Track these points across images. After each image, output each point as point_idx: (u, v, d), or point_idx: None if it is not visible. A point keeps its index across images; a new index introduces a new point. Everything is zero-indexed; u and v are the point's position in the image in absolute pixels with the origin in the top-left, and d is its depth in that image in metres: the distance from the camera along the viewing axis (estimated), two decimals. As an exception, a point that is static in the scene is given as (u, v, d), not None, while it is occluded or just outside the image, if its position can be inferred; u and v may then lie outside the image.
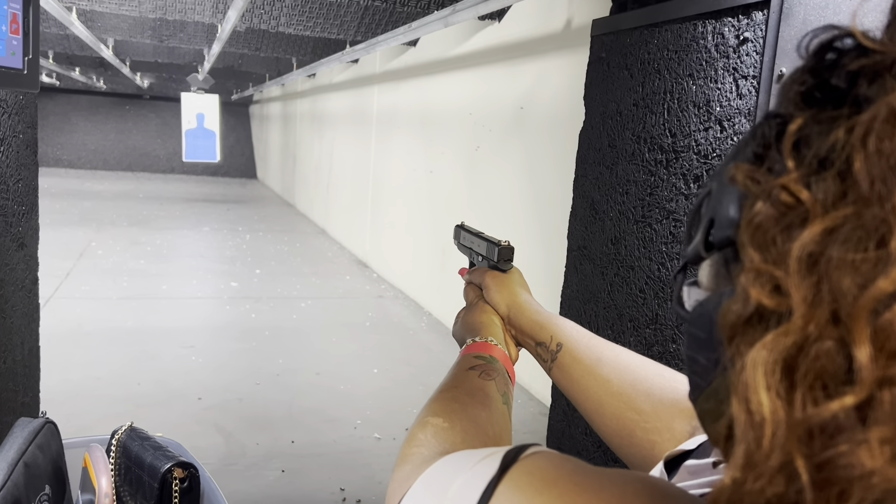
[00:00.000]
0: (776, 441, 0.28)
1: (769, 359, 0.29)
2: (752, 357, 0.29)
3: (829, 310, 0.28)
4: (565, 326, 0.88)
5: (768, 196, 0.32)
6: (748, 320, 0.31)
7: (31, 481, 0.96)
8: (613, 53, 1.85)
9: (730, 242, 0.37)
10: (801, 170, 0.31)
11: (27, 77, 1.02)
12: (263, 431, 3.27)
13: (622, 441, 0.78)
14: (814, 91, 0.34)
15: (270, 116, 14.21)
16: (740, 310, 0.31)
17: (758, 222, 0.32)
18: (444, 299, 5.25)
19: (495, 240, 0.96)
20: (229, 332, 4.78)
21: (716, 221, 0.38)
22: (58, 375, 3.41)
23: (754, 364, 0.29)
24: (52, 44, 6.56)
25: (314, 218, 9.85)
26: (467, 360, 0.84)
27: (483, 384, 0.78)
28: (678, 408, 0.75)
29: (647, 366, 0.80)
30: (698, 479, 0.56)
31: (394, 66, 6.39)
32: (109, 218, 9.04)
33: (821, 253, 0.29)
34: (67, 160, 15.25)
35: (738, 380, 0.30)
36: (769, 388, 0.28)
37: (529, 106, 3.98)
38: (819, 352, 0.28)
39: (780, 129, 0.34)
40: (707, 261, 0.41)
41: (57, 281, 5.56)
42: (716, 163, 1.52)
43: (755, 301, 0.30)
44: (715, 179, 0.40)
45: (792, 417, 0.28)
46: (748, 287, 0.31)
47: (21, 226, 1.62)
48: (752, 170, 0.34)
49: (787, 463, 0.27)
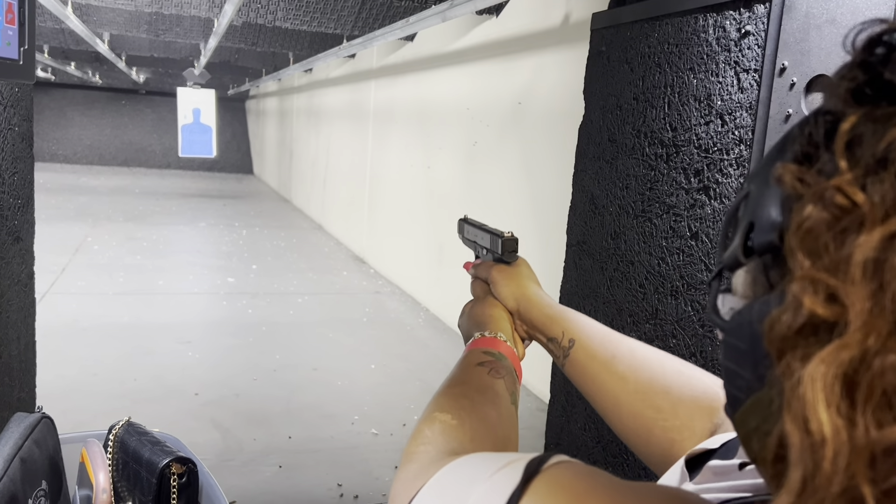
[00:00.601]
0: (838, 464, 0.26)
1: (828, 373, 0.27)
2: (810, 372, 0.27)
3: (893, 320, 0.26)
4: (578, 321, 0.85)
5: (820, 199, 0.30)
6: (800, 331, 0.29)
7: (28, 476, 0.95)
8: (613, 47, 1.84)
9: (771, 247, 0.35)
10: (856, 171, 0.30)
11: (23, 68, 1.01)
12: (260, 427, 3.27)
13: (639, 439, 0.76)
14: (865, 87, 0.32)
15: (267, 112, 14.17)
16: (791, 320, 0.29)
17: (808, 227, 0.30)
18: (441, 295, 5.24)
19: (499, 231, 0.94)
20: (226, 328, 4.77)
21: (756, 225, 0.36)
22: (54, 371, 3.39)
23: (812, 380, 0.27)
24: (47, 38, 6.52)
25: (311, 214, 9.83)
26: (475, 354, 0.80)
27: (492, 382, 0.75)
28: (698, 405, 0.73)
29: (664, 361, 0.78)
30: (724, 483, 0.53)
31: (391, 61, 6.37)
32: (105, 213, 9.02)
33: (882, 260, 0.27)
34: (63, 155, 15.19)
35: (793, 396, 0.28)
36: (829, 406, 0.26)
37: (527, 101, 3.97)
38: (883, 366, 0.26)
39: (829, 126, 0.33)
40: (743, 267, 0.39)
41: (52, 276, 5.53)
42: (717, 157, 1.51)
43: (808, 311, 0.29)
44: (754, 181, 0.38)
45: (855, 439, 0.26)
46: (800, 296, 0.29)
47: (17, 219, 1.61)
48: (801, 171, 0.32)
49: (850, 488, 0.26)
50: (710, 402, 0.72)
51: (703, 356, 1.55)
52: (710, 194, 1.53)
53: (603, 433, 1.86)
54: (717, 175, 1.51)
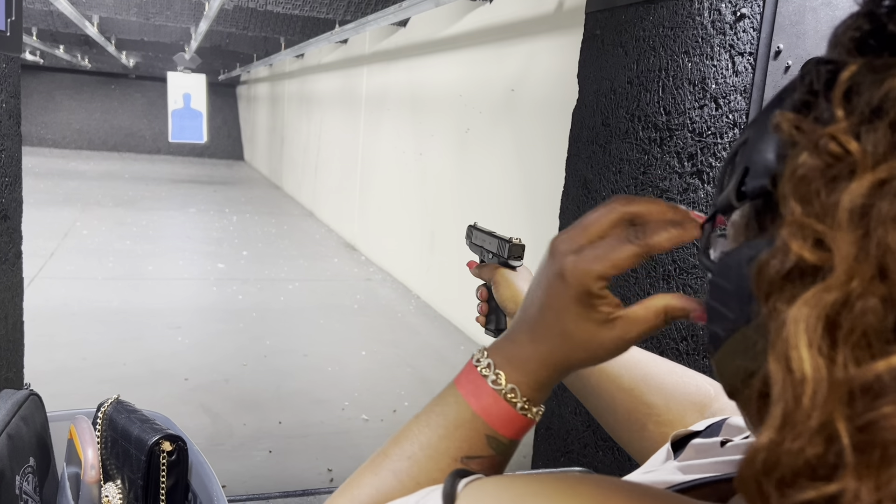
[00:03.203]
0: (817, 400, 0.27)
1: (811, 315, 0.27)
2: (794, 313, 0.28)
3: (876, 265, 0.27)
4: None
5: (814, 146, 0.30)
6: (787, 275, 0.30)
7: (15, 453, 0.94)
8: (608, 30, 1.83)
9: (764, 192, 0.36)
10: (851, 119, 0.30)
11: (10, 39, 0.99)
12: (251, 412, 3.26)
13: (633, 435, 0.78)
14: (869, 37, 0.32)
15: (258, 97, 14.08)
16: (779, 264, 0.30)
17: (802, 174, 0.30)
18: (432, 282, 5.23)
19: (506, 237, 0.96)
20: (216, 314, 4.75)
21: (751, 170, 0.37)
22: (43, 355, 3.37)
23: (796, 320, 0.28)
24: (35, 20, 6.44)
25: (302, 200, 9.79)
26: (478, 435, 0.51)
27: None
28: (690, 401, 0.75)
29: (658, 362, 0.80)
30: (706, 459, 0.55)
31: (383, 46, 6.33)
32: (94, 198, 8.95)
33: (869, 206, 0.27)
34: (51, 139, 15.06)
35: (778, 336, 0.29)
36: (811, 346, 0.27)
37: (520, 88, 3.96)
38: (864, 309, 0.27)
39: (829, 76, 0.33)
40: (736, 211, 0.40)
41: (41, 261, 5.49)
42: (710, 141, 1.51)
43: (796, 255, 0.29)
44: (753, 127, 0.38)
45: (834, 376, 0.27)
46: (789, 240, 0.30)
47: (4, 197, 1.59)
48: (798, 118, 0.33)
49: (827, 423, 0.26)
50: (701, 399, 0.75)
51: (694, 340, 1.56)
52: (703, 178, 1.53)
53: (593, 418, 1.86)
54: (711, 159, 1.51)
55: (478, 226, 1.04)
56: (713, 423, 0.62)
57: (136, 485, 0.98)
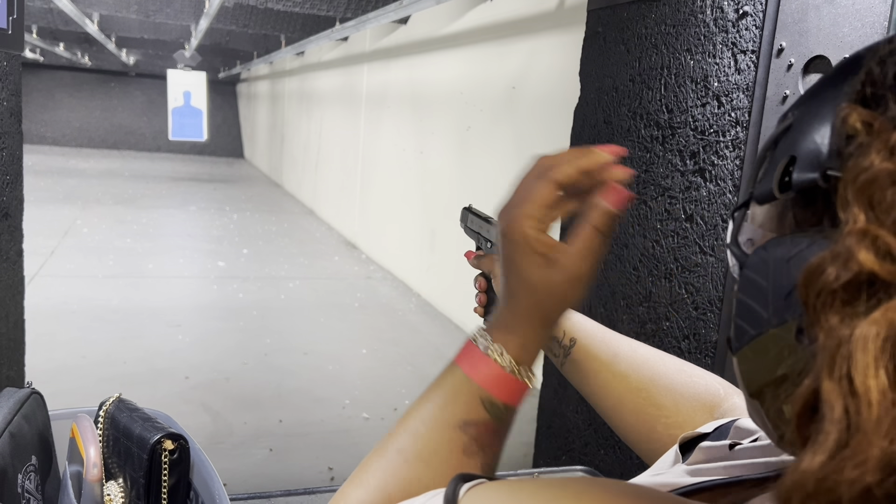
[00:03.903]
0: (882, 427, 0.25)
1: (880, 335, 0.26)
2: (861, 332, 0.26)
3: None
4: (578, 321, 0.84)
5: (888, 149, 0.28)
6: (846, 287, 0.28)
7: (17, 452, 0.94)
8: (610, 28, 1.83)
9: (812, 186, 0.33)
10: None
11: (12, 37, 0.99)
12: (251, 411, 3.26)
13: (641, 437, 0.76)
14: None
15: (258, 95, 14.07)
16: (837, 272, 0.28)
17: (870, 177, 0.28)
18: (432, 280, 5.23)
19: None
20: (216, 312, 4.75)
21: (798, 160, 0.34)
22: (43, 354, 3.37)
23: (863, 340, 0.26)
24: (35, 18, 6.44)
25: (302, 198, 9.79)
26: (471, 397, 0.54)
27: (460, 464, 0.53)
28: (700, 401, 0.73)
29: (666, 361, 0.78)
30: (715, 464, 0.53)
31: (384, 44, 6.33)
32: (95, 196, 8.94)
33: None
34: (52, 137, 15.05)
35: (838, 355, 0.27)
36: (878, 368, 0.25)
37: (521, 86, 3.95)
38: None
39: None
40: (773, 202, 0.37)
41: (41, 259, 5.49)
42: (713, 139, 1.51)
43: (860, 266, 0.27)
44: (798, 112, 0.36)
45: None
46: (855, 249, 0.27)
47: (5, 195, 1.59)
48: (871, 115, 0.30)
49: (889, 453, 0.25)
50: (711, 399, 0.73)
51: (696, 338, 1.55)
52: (705, 176, 1.53)
53: (595, 416, 1.86)
54: (713, 157, 1.51)
55: (473, 209, 0.99)
56: (721, 426, 0.61)
57: (137, 483, 0.98)
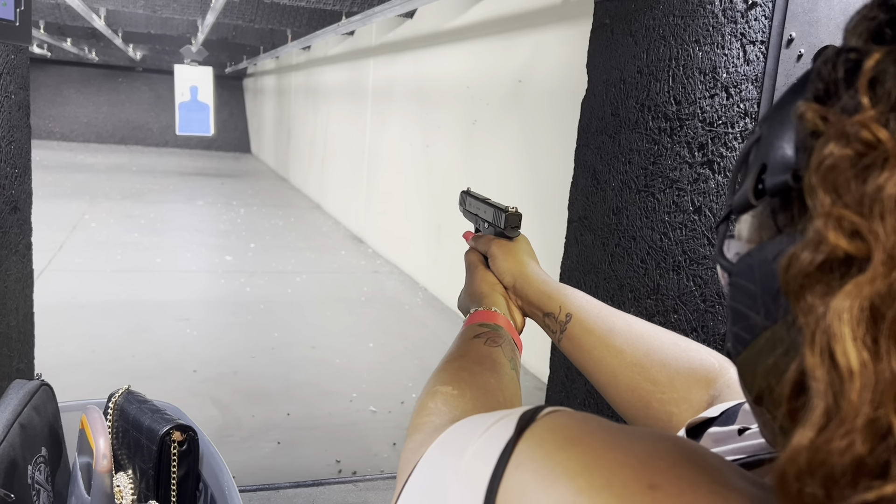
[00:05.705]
0: (865, 395, 0.26)
1: (854, 306, 0.27)
2: (836, 305, 0.27)
3: None
4: (574, 296, 0.85)
5: (842, 135, 0.30)
6: (820, 267, 0.29)
7: (28, 442, 0.94)
8: (617, 20, 1.81)
9: (784, 189, 0.35)
10: (879, 108, 0.29)
11: (19, 29, 0.99)
12: (259, 404, 3.27)
13: (637, 413, 0.76)
14: (885, 27, 0.32)
15: (265, 90, 14.08)
16: (811, 256, 0.29)
17: (830, 164, 0.30)
18: (439, 274, 5.23)
19: (502, 206, 0.92)
20: (224, 306, 4.77)
21: (769, 166, 0.36)
22: (52, 348, 3.39)
23: (838, 312, 0.27)
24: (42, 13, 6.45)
25: (309, 193, 9.79)
26: (472, 329, 0.82)
27: (490, 351, 0.76)
28: (695, 377, 0.73)
29: (661, 335, 0.78)
30: (723, 447, 0.54)
31: (390, 38, 6.32)
32: (102, 191, 8.98)
33: None
34: (59, 133, 15.11)
35: (817, 330, 0.28)
36: (855, 339, 0.26)
37: (528, 79, 3.94)
38: None
39: (851, 65, 0.32)
40: (750, 212, 0.39)
41: (50, 253, 5.52)
42: (721, 130, 1.50)
43: (831, 246, 0.29)
44: (766, 124, 0.38)
45: (882, 371, 0.26)
46: (823, 231, 0.29)
47: (14, 189, 1.59)
48: (824, 109, 0.32)
49: (876, 419, 0.26)
50: (706, 374, 0.73)
51: (704, 331, 1.55)
52: (714, 168, 1.52)
53: (602, 409, 1.85)
54: (722, 149, 1.50)
55: (471, 192, 1.00)
56: (728, 409, 0.61)
57: (147, 474, 0.98)
